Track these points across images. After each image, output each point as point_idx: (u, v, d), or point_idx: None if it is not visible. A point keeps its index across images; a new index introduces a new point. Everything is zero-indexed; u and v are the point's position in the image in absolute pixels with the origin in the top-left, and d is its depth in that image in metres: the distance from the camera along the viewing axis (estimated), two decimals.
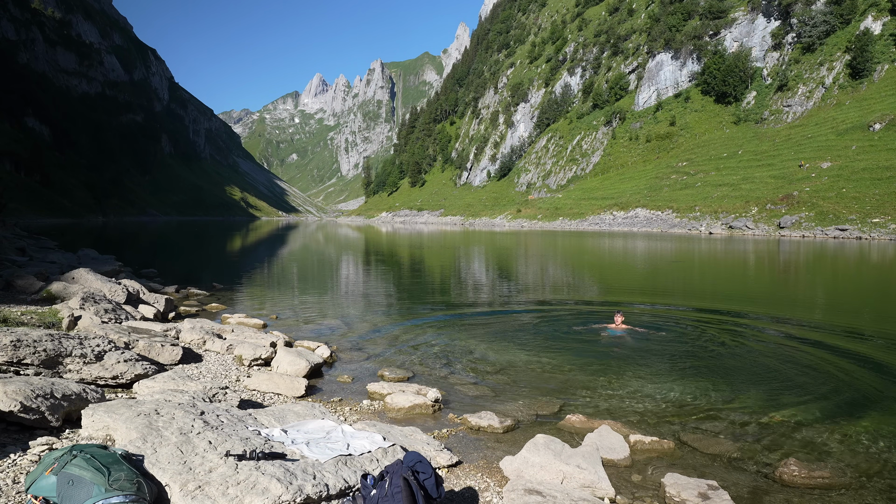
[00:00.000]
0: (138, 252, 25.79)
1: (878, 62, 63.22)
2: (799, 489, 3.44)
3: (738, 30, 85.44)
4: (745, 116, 75.63)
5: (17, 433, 2.84)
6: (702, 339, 8.07)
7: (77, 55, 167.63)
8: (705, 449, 4.03)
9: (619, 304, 11.13)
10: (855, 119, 57.15)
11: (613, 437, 3.98)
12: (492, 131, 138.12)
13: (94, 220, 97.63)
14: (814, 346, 7.61)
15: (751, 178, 57.17)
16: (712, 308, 10.81)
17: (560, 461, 3.40)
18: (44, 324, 4.94)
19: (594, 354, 7.00)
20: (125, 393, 3.95)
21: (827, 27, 71.34)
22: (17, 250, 14.57)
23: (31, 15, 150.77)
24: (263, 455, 2.74)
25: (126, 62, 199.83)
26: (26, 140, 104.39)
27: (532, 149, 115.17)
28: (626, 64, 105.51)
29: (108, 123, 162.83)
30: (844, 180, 46.88)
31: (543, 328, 8.66)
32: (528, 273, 17.71)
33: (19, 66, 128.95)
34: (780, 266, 20.20)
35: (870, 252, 25.97)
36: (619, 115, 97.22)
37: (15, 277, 7.60)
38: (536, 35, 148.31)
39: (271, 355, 5.70)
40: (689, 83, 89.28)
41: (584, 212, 73.21)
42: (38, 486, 2.20)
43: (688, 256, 24.59)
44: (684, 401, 5.16)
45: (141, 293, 8.19)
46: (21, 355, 3.54)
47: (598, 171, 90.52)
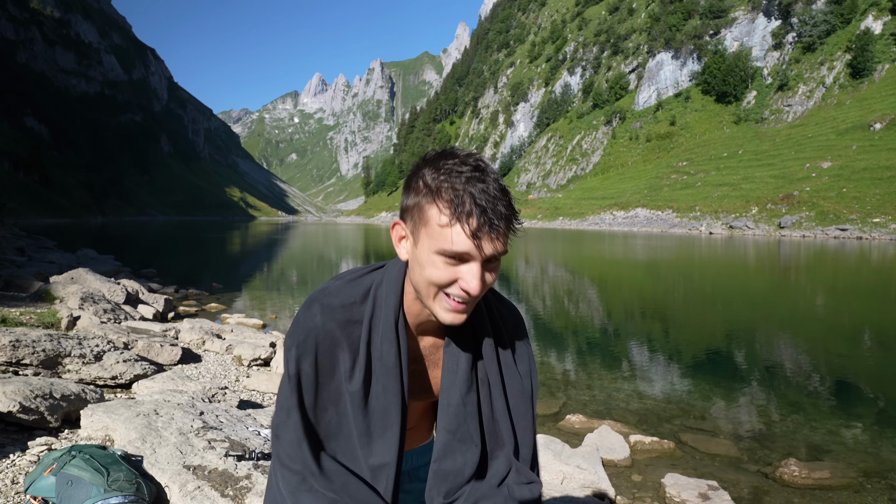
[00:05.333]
0: (137, 252, 25.78)
1: (879, 62, 63.24)
2: (799, 489, 3.44)
3: (738, 29, 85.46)
4: (746, 116, 75.65)
5: (16, 433, 2.84)
6: (702, 339, 8.07)
7: (76, 55, 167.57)
8: (705, 449, 4.03)
9: (619, 304, 11.10)
10: (855, 119, 57.17)
11: (613, 437, 3.98)
12: (491, 131, 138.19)
13: (92, 220, 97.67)
14: (814, 346, 7.61)
15: (751, 177, 57.17)
16: (712, 308, 10.81)
17: (560, 461, 3.40)
18: (43, 324, 4.94)
19: (594, 354, 7.00)
20: (124, 393, 3.95)
21: (827, 27, 71.35)
22: (15, 250, 14.56)
23: (30, 14, 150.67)
24: (263, 455, 2.73)
25: (125, 62, 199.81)
26: (25, 140, 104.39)
27: (532, 148, 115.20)
28: (626, 63, 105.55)
29: (107, 123, 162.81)
30: (845, 180, 46.88)
31: (543, 328, 8.65)
32: (527, 272, 17.71)
33: (18, 66, 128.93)
34: (781, 266, 20.20)
35: (870, 252, 25.99)
36: (619, 114, 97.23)
37: (14, 277, 7.59)
38: (536, 34, 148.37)
39: (271, 355, 5.70)
40: (689, 83, 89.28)
41: (584, 211, 73.22)
42: (36, 486, 2.19)
43: (687, 257, 24.60)
44: (684, 401, 5.16)
45: (140, 293, 8.18)
46: (20, 355, 3.53)
47: (598, 171, 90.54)
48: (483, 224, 0.78)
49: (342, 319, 0.92)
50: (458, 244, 0.79)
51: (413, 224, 0.85)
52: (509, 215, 0.81)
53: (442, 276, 0.82)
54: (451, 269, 0.81)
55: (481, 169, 0.81)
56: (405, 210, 0.87)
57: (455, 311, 0.84)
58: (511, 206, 0.82)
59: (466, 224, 0.78)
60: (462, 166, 0.81)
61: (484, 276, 0.82)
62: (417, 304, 0.92)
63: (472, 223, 0.78)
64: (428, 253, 0.82)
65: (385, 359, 0.91)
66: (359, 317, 0.92)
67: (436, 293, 0.84)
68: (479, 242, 0.79)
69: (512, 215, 0.81)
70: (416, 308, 0.93)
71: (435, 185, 0.81)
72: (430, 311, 0.87)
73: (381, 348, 0.91)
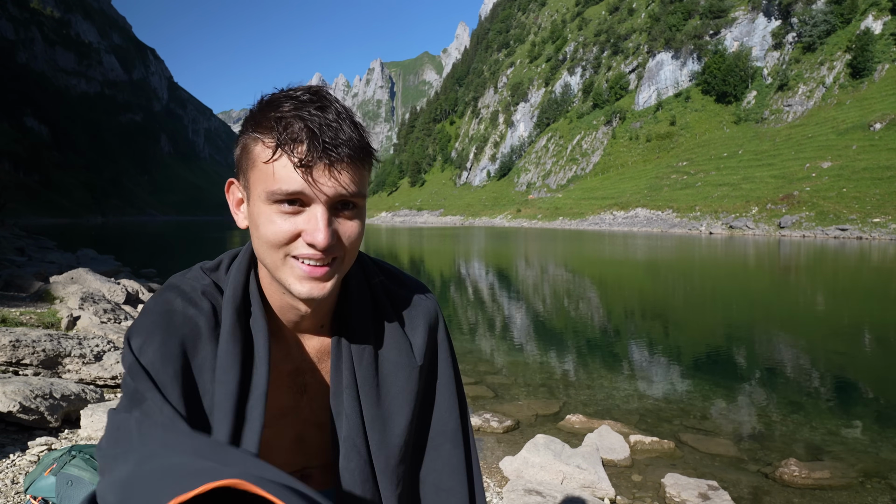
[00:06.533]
0: (137, 252, 25.79)
1: (879, 62, 63.24)
2: (799, 489, 3.44)
3: (738, 29, 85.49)
4: (746, 116, 75.67)
5: (16, 433, 2.84)
6: (702, 339, 8.07)
7: (76, 55, 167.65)
8: (705, 449, 4.03)
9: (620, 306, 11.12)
10: (855, 119, 57.17)
11: (613, 437, 3.98)
12: (491, 131, 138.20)
13: (92, 219, 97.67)
14: (814, 346, 7.61)
15: (751, 177, 57.17)
16: (711, 308, 10.82)
17: (560, 461, 3.40)
18: (43, 324, 4.94)
19: (594, 354, 7.00)
20: None
21: (827, 27, 71.37)
22: (15, 250, 14.56)
23: (30, 14, 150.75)
24: None
25: (125, 62, 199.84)
26: (25, 140, 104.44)
27: (532, 148, 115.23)
28: (626, 63, 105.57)
29: (107, 123, 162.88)
30: (845, 180, 46.87)
31: (544, 328, 8.66)
32: (527, 273, 17.71)
33: (18, 66, 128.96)
34: (781, 266, 20.21)
35: (870, 252, 25.99)
36: (619, 114, 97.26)
37: (14, 277, 7.59)
38: (536, 34, 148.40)
39: None
40: (689, 83, 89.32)
41: (584, 211, 73.21)
42: (36, 486, 2.19)
43: (687, 257, 24.60)
44: (684, 401, 5.16)
45: (140, 293, 8.18)
46: (20, 355, 3.53)
47: (598, 171, 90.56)
48: (315, 151, 0.61)
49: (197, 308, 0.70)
50: (283, 180, 0.62)
51: (244, 177, 0.68)
52: (355, 140, 0.64)
53: (279, 231, 0.64)
54: (289, 219, 0.64)
55: (320, 95, 0.65)
56: (237, 164, 0.70)
57: (310, 278, 0.66)
58: (359, 132, 0.65)
59: (294, 154, 0.61)
60: (294, 93, 0.64)
61: (333, 224, 0.65)
62: (276, 291, 0.73)
63: (300, 150, 0.61)
64: (259, 204, 0.65)
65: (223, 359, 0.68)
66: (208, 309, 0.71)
67: (283, 259, 0.66)
68: (312, 176, 0.62)
69: (360, 141, 0.64)
70: (276, 298, 0.73)
71: (259, 118, 0.64)
72: (283, 285, 0.68)
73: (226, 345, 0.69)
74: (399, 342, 0.79)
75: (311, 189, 0.62)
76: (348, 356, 0.76)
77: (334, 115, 0.63)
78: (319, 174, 0.62)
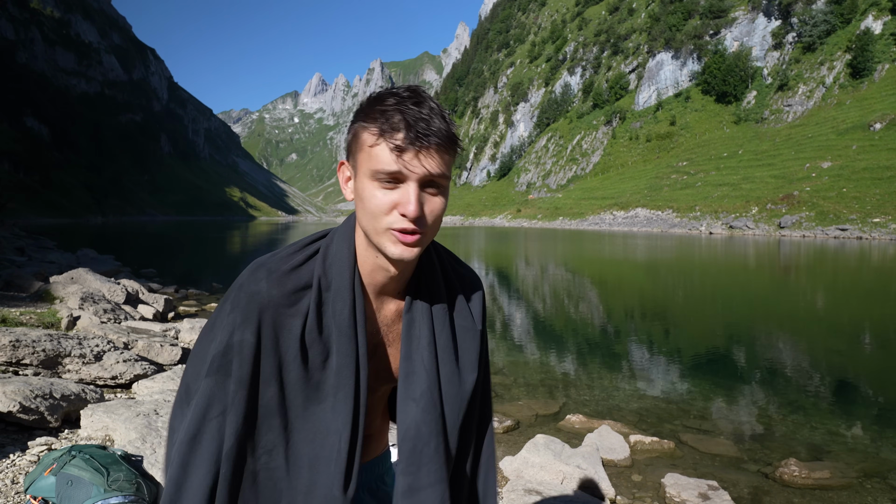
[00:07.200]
0: (137, 252, 25.78)
1: (879, 62, 63.27)
2: (799, 489, 3.44)
3: (738, 29, 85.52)
4: (746, 116, 75.70)
5: (16, 433, 2.84)
6: (702, 339, 8.07)
7: (76, 55, 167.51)
8: (705, 449, 4.03)
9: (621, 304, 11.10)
10: (855, 119, 57.18)
11: (613, 437, 3.98)
12: (491, 131, 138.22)
13: (93, 220, 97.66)
14: (814, 345, 7.61)
15: (751, 177, 57.18)
16: (711, 308, 10.81)
17: (560, 461, 3.40)
18: (43, 324, 4.94)
19: (594, 354, 7.00)
20: (124, 393, 3.95)
21: (827, 27, 71.40)
22: (15, 250, 14.57)
23: (30, 14, 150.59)
24: None
25: (125, 62, 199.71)
26: (25, 140, 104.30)
27: (532, 148, 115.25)
28: (626, 63, 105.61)
29: (107, 123, 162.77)
30: (845, 180, 46.88)
31: (543, 327, 8.65)
32: (527, 272, 17.71)
33: (18, 66, 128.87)
34: (781, 266, 20.21)
35: (870, 252, 25.99)
36: (619, 114, 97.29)
37: (14, 277, 7.59)
38: (536, 34, 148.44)
39: None
40: (689, 83, 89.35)
41: (584, 211, 73.23)
42: (36, 486, 2.19)
43: (687, 257, 24.60)
44: (684, 401, 5.16)
45: (140, 293, 8.18)
46: (20, 355, 3.53)
47: (598, 171, 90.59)
48: (410, 138, 0.74)
49: (289, 285, 0.83)
50: (384, 162, 0.75)
51: (353, 158, 0.82)
52: (443, 131, 0.76)
53: (380, 203, 0.77)
54: (388, 194, 0.77)
55: (418, 94, 0.78)
56: (347, 147, 0.84)
57: (403, 244, 0.78)
58: (447, 123, 0.78)
59: (392, 140, 0.75)
60: (398, 91, 0.78)
61: (422, 199, 0.78)
62: (370, 256, 0.85)
63: (397, 137, 0.74)
64: (364, 181, 0.79)
65: (339, 318, 0.82)
66: (308, 280, 0.84)
67: (382, 228, 0.79)
68: (405, 159, 0.75)
69: (447, 132, 0.77)
70: (370, 262, 0.86)
71: (368, 110, 0.79)
72: (379, 248, 0.81)
73: (335, 306, 0.82)
74: (464, 309, 0.94)
75: (405, 169, 0.75)
76: (427, 317, 0.88)
77: (427, 110, 0.76)
78: (412, 157, 0.75)
